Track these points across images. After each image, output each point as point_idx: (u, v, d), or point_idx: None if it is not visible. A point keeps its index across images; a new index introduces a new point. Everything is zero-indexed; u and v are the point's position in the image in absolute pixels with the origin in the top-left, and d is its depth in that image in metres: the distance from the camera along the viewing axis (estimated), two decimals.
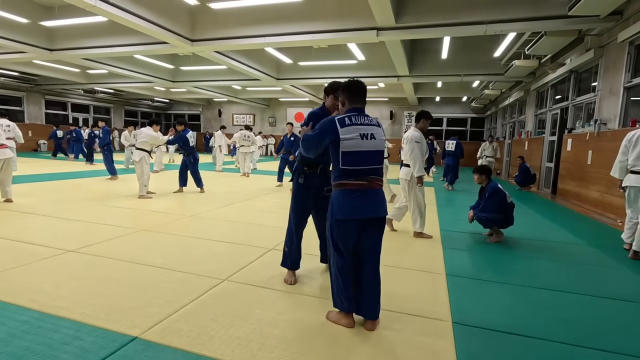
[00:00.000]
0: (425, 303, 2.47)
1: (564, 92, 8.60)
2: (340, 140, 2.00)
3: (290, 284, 2.70)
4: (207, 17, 8.04)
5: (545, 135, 9.39)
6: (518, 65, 8.91)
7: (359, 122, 2.05)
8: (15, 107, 16.81)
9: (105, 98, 20.36)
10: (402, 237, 4.23)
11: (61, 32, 9.43)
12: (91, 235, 3.80)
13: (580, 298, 2.68)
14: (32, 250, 3.22)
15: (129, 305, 2.25)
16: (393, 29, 7.02)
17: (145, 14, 6.92)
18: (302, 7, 7.28)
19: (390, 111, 19.73)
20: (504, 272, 3.25)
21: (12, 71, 14.56)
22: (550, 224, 5.47)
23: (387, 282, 2.80)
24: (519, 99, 11.88)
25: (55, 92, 17.85)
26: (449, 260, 3.41)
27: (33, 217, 4.50)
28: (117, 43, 8.96)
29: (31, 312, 2.13)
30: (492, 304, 2.51)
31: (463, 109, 18.95)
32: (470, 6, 6.52)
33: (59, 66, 13.36)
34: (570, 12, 5.65)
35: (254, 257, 3.25)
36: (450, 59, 10.53)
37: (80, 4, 5.98)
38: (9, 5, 7.77)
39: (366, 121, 2.09)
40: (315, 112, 2.70)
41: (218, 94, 17.66)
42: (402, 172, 4.29)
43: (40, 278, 2.64)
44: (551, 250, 3.91)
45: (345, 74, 12.20)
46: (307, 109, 21.20)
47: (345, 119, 2.04)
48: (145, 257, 3.16)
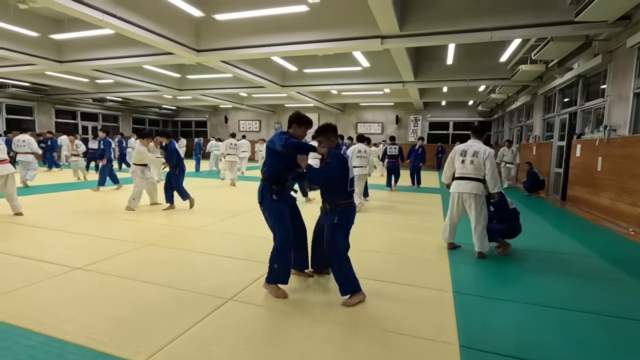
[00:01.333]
0: (431, 324, 2.43)
1: (572, 96, 8.49)
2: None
3: (284, 297, 2.75)
4: (212, 28, 8.12)
5: (554, 140, 9.27)
6: (524, 70, 8.83)
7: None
8: (27, 117, 17.14)
9: (113, 106, 20.65)
10: (407, 250, 4.19)
11: (70, 45, 9.60)
12: (98, 250, 3.83)
13: (593, 318, 2.61)
14: (42, 268, 3.26)
15: (134, 328, 2.26)
16: (397, 37, 7.00)
17: (151, 26, 7.01)
18: (306, 16, 7.31)
19: (396, 115, 19.68)
20: (513, 289, 3.19)
21: (24, 82, 14.84)
22: (560, 233, 5.38)
23: (390, 300, 2.79)
24: (526, 103, 11.76)
25: (65, 101, 18.16)
26: (456, 275, 3.36)
27: (42, 232, 4.57)
28: (125, 54, 9.09)
29: (37, 335, 2.15)
30: (501, 325, 2.47)
31: (470, 113, 18.82)
32: (474, 13, 6.49)
33: (68, 77, 13.60)
34: (577, 18, 5.58)
35: (259, 274, 3.23)
36: (456, 64, 10.48)
37: (88, 18, 6.08)
38: (21, 20, 7.94)
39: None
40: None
41: (224, 100, 17.80)
42: (475, 187, 3.88)
43: (48, 298, 2.67)
44: (561, 263, 3.84)
45: (351, 80, 12.23)
46: (313, 114, 21.23)
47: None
48: (150, 274, 3.17)
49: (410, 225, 5.46)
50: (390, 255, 3.96)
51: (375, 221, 5.73)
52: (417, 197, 8.36)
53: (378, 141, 16.59)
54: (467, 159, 3.85)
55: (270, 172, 2.81)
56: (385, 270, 3.47)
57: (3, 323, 2.29)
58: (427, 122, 19.51)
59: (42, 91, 16.61)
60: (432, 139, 19.24)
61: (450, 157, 4.06)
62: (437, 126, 19.53)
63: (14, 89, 15.53)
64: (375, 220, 5.83)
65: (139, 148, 6.10)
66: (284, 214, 2.82)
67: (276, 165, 2.79)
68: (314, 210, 3.27)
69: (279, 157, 2.75)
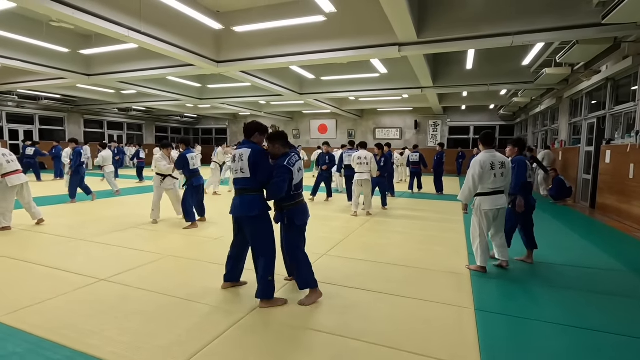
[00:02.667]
0: (451, 344, 2.37)
1: (601, 99, 8.15)
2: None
3: (284, 304, 2.90)
4: (231, 40, 8.30)
5: (581, 146, 8.91)
6: (549, 73, 8.54)
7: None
8: (58, 127, 18.01)
9: (137, 115, 21.38)
10: (427, 263, 4.11)
11: (97, 59, 10.03)
12: (121, 261, 3.95)
13: (624, 341, 2.47)
14: (68, 280, 3.39)
15: (155, 344, 2.31)
16: (415, 44, 6.94)
17: (173, 39, 7.23)
18: (323, 26, 7.36)
19: (414, 121, 19.44)
20: (538, 307, 3.06)
21: (55, 94, 15.61)
22: (588, 244, 5.15)
23: (407, 318, 2.73)
24: (551, 106, 11.37)
25: (93, 111, 18.95)
26: (478, 291, 3.26)
27: (68, 242, 4.75)
28: (148, 67, 9.42)
29: (64, 349, 2.23)
30: (526, 348, 2.37)
31: (491, 117, 18.36)
32: (495, 18, 6.34)
33: (96, 88, 14.20)
34: (605, 20, 5.36)
35: (279, 285, 3.24)
36: (476, 68, 10.26)
37: (114, 35, 6.34)
38: (52, 37, 8.37)
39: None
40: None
41: (243, 108, 18.11)
42: (505, 200, 3.81)
43: (74, 311, 2.76)
44: (590, 278, 3.67)
45: (368, 86, 12.20)
46: (331, 120, 21.32)
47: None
48: (171, 287, 3.23)
49: (430, 236, 5.35)
50: (409, 269, 3.89)
51: (395, 232, 5.66)
52: (438, 206, 8.20)
53: (398, 147, 16.41)
54: (498, 171, 3.66)
55: (260, 184, 2.90)
56: (404, 284, 3.41)
57: (33, 335, 2.39)
58: (446, 126, 19.18)
59: (72, 102, 17.42)
60: (452, 144, 18.89)
61: (477, 173, 3.60)
62: (457, 131, 19.17)
63: (47, 101, 16.37)
64: (395, 230, 5.75)
65: (156, 156, 6.20)
66: (272, 227, 2.98)
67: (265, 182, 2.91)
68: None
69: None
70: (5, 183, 5.27)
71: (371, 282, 3.44)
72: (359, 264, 4.01)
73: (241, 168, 2.87)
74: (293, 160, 2.93)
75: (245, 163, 2.85)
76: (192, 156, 5.85)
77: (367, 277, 3.58)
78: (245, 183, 2.89)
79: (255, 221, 2.87)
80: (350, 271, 3.74)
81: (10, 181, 5.29)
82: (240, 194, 2.92)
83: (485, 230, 3.74)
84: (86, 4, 5.60)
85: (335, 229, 5.71)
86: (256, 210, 2.84)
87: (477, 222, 3.75)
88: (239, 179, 2.92)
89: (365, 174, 6.80)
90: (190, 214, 5.69)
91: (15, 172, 5.40)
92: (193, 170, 5.81)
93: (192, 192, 5.74)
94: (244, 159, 2.86)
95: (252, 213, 2.84)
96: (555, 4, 5.98)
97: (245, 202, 2.87)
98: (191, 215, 5.69)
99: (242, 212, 2.87)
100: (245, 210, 2.85)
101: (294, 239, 3.04)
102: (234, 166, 2.94)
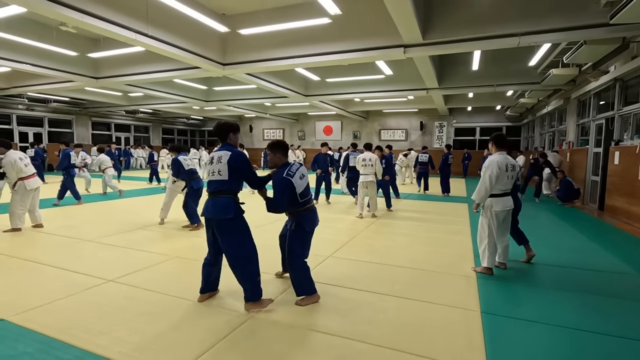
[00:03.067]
0: (457, 347, 2.36)
1: (609, 100, 8.06)
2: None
3: (270, 303, 2.93)
4: (237, 42, 8.36)
5: (590, 147, 8.81)
6: (556, 74, 8.47)
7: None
8: (66, 129, 18.26)
9: (144, 117, 21.59)
10: (433, 265, 4.09)
11: (105, 62, 10.15)
12: (129, 263, 4.00)
13: (636, 346, 2.44)
14: (77, 280, 3.43)
15: (161, 344, 2.33)
16: (420, 45, 6.92)
17: (179, 42, 7.30)
18: (328, 28, 7.38)
19: (420, 122, 19.38)
20: (545, 310, 3.02)
21: (64, 97, 15.83)
22: (597, 247, 5.09)
23: (412, 320, 2.72)
24: (558, 107, 11.27)
25: (101, 114, 19.18)
26: (484, 293, 3.25)
27: (76, 243, 4.82)
28: (155, 69, 9.53)
29: (74, 349, 2.27)
30: (533, 352, 2.35)
31: (497, 118, 18.24)
32: (500, 19, 6.31)
33: (103, 91, 14.36)
34: (613, 20, 5.31)
35: (282, 289, 3.26)
36: (482, 69, 10.21)
37: (122, 38, 6.42)
38: (61, 41, 8.49)
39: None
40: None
41: (249, 110, 18.21)
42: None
43: (83, 311, 2.80)
44: (599, 282, 3.63)
45: (373, 88, 12.19)
46: (336, 122, 21.33)
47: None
48: (178, 288, 3.26)
49: (436, 238, 5.33)
50: (415, 271, 3.88)
51: (401, 233, 5.65)
52: (443, 207, 8.17)
53: (403, 148, 16.36)
54: (509, 173, 3.68)
55: (236, 186, 2.87)
56: (410, 286, 3.40)
57: (43, 335, 2.43)
58: (452, 128, 19.09)
59: (80, 105, 17.65)
60: (458, 145, 18.79)
61: (495, 174, 3.57)
62: (463, 132, 19.07)
63: (55, 104, 16.61)
64: (401, 232, 5.74)
65: (163, 158, 6.21)
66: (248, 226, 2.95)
67: (239, 182, 2.89)
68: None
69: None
70: (24, 186, 5.39)
71: (377, 284, 3.43)
72: (364, 265, 4.01)
73: (219, 170, 2.80)
74: (293, 169, 2.91)
75: (224, 165, 2.79)
76: (184, 157, 5.81)
77: (372, 278, 3.58)
78: (220, 185, 2.81)
79: (230, 223, 2.79)
80: (355, 273, 3.75)
81: (29, 184, 5.42)
82: (213, 196, 2.83)
83: (494, 231, 3.74)
84: (95, 8, 5.69)
85: (340, 230, 5.71)
86: (230, 213, 2.76)
87: (487, 223, 3.75)
88: (214, 180, 2.84)
89: (370, 176, 6.81)
90: (194, 217, 5.67)
91: (32, 175, 5.55)
92: (189, 172, 5.72)
93: (192, 194, 5.68)
94: (223, 161, 2.79)
95: (226, 216, 2.76)
96: (562, 4, 5.94)
97: (218, 204, 2.79)
98: (195, 217, 5.67)
99: (214, 214, 2.77)
100: (219, 212, 2.76)
101: (299, 247, 3.00)
102: (210, 168, 2.86)
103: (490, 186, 3.62)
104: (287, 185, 2.84)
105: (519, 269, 3.93)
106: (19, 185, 5.41)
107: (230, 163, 2.79)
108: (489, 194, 3.67)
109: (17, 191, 5.41)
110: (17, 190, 5.41)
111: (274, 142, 3.05)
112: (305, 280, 2.99)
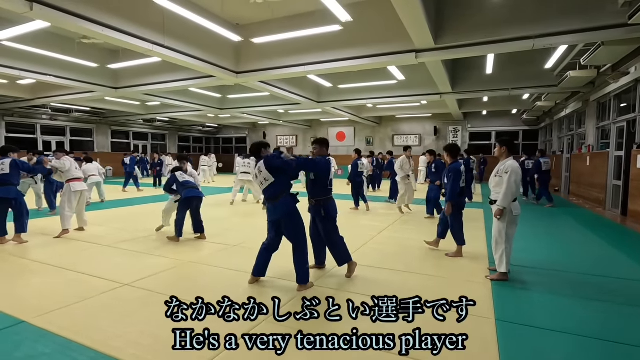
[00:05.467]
0: (471, 355, 2.30)
1: (630, 102, 7.81)
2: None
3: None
4: (250, 51, 8.51)
5: (610, 150, 8.54)
6: (573, 76, 8.28)
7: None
8: (87, 138, 18.88)
9: (161, 126, 22.12)
10: (447, 271, 4.02)
11: (124, 72, 10.50)
12: (143, 267, 4.08)
13: None
14: (94, 284, 3.53)
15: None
16: (432, 50, 6.90)
17: (194, 52, 7.50)
18: (340, 35, 7.43)
19: (434, 127, 19.19)
20: (562, 318, 2.92)
21: (85, 107, 16.41)
22: (619, 253, 4.90)
23: (425, 327, 2.66)
24: (577, 110, 10.99)
25: (120, 123, 19.76)
26: (499, 300, 3.17)
27: (93, 248, 4.97)
28: (171, 79, 9.79)
29: (89, 351, 2.33)
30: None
31: (513, 122, 17.89)
32: (514, 21, 6.23)
33: (122, 100, 14.82)
34: (631, 20, 5.18)
35: (291, 296, 3.26)
36: (496, 73, 10.07)
37: (140, 50, 6.64)
38: (83, 53, 8.84)
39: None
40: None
41: (262, 117, 18.43)
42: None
43: (99, 314, 2.88)
44: (620, 290, 3.49)
45: (386, 93, 12.17)
46: (349, 128, 21.35)
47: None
48: (191, 292, 3.30)
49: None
50: (428, 277, 3.83)
51: (414, 239, 5.57)
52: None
53: (417, 154, 16.21)
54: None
55: (287, 187, 3.41)
56: (422, 292, 3.34)
57: (61, 337, 2.50)
58: (467, 132, 18.83)
59: (100, 114, 18.24)
60: (473, 149, 18.45)
61: (519, 179, 3.64)
62: (479, 136, 18.77)
63: (77, 114, 17.22)
64: (415, 237, 5.66)
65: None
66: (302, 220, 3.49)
67: (288, 181, 3.43)
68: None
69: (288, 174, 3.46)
70: (69, 188, 5.73)
71: (388, 291, 3.39)
72: (375, 272, 3.97)
73: (265, 178, 3.32)
74: (331, 160, 3.56)
75: (265, 172, 3.32)
76: (180, 174, 5.54)
77: (383, 286, 3.54)
78: (273, 189, 3.34)
79: (291, 217, 3.35)
80: (365, 282, 3.71)
81: (73, 187, 5.77)
82: (272, 201, 3.37)
83: (511, 235, 3.69)
84: (114, 21, 5.91)
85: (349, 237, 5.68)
86: (291, 207, 3.33)
87: (505, 228, 3.67)
88: (266, 189, 3.37)
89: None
90: (178, 230, 5.31)
91: (78, 179, 5.92)
92: (184, 183, 5.41)
93: (181, 205, 5.39)
94: (263, 170, 3.33)
95: (288, 212, 3.33)
96: (578, 5, 5.82)
97: (279, 205, 3.33)
98: (177, 230, 5.31)
99: (277, 215, 3.35)
100: (280, 213, 3.34)
101: (333, 228, 3.68)
102: (257, 180, 3.42)
103: (517, 191, 3.68)
104: (326, 164, 3.64)
105: (535, 276, 3.82)
106: (65, 187, 5.81)
107: (267, 165, 3.33)
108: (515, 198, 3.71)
109: (65, 193, 5.79)
110: (65, 192, 5.79)
111: (321, 138, 3.83)
112: (345, 250, 3.71)
